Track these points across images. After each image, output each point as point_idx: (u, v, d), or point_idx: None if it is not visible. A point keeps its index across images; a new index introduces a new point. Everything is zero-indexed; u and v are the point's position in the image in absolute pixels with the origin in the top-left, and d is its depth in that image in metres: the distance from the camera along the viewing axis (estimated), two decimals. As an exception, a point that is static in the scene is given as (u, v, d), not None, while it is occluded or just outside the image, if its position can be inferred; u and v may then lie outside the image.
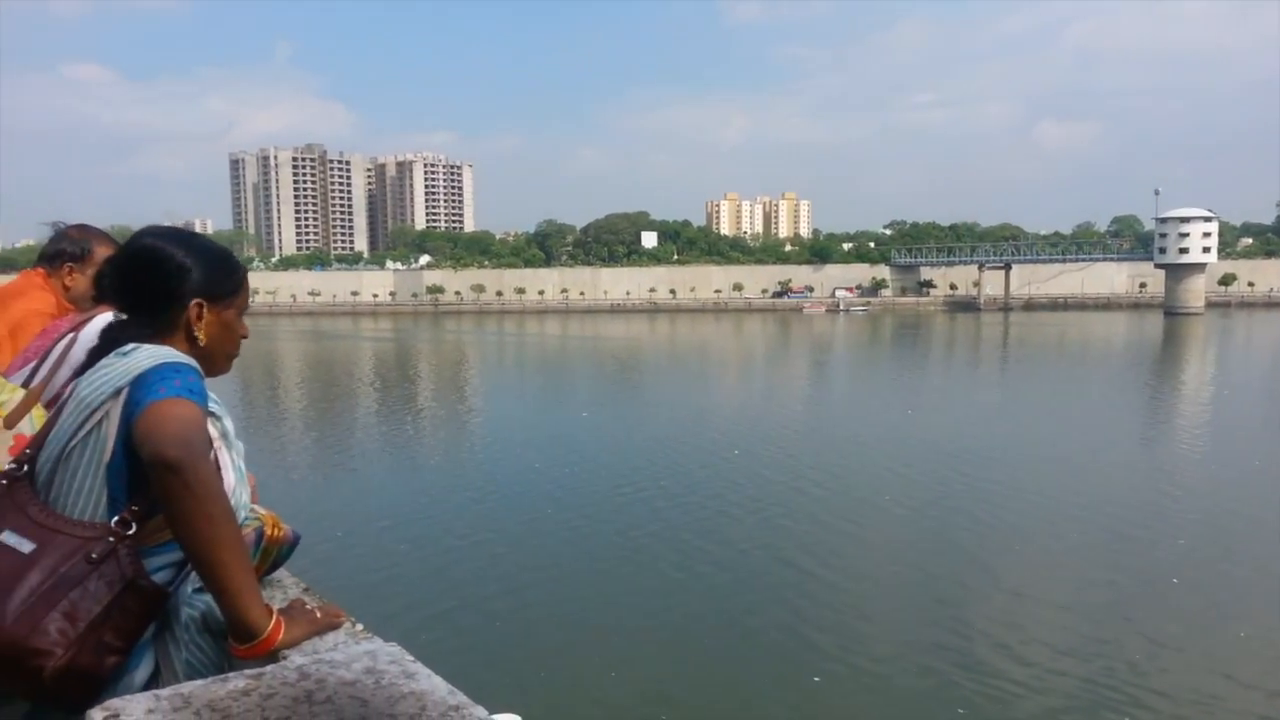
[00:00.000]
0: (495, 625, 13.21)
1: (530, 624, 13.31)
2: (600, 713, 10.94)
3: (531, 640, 12.69)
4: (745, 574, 15.33)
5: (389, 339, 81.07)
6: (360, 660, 1.51)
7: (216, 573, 1.56)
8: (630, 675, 11.73)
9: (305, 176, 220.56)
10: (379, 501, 20.53)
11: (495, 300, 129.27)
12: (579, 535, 17.54)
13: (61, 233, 3.32)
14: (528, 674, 11.55)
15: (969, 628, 13.02)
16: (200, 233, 2.10)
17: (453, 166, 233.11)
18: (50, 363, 2.21)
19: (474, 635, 12.81)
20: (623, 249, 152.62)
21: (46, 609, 1.50)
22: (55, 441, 1.70)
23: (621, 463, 24.12)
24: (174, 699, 1.36)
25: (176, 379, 1.67)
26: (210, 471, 1.58)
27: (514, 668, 11.67)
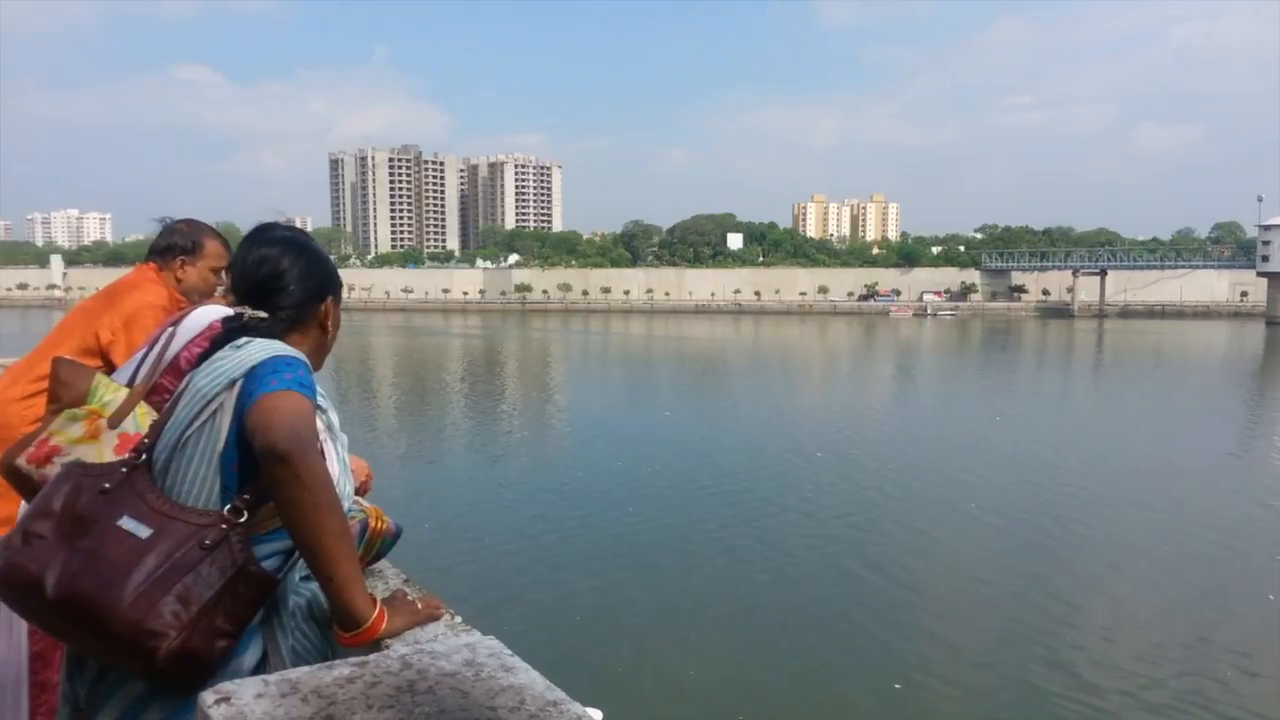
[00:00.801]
0: (575, 619, 13.31)
1: (611, 620, 13.38)
2: (679, 711, 10.93)
3: (611, 636, 12.76)
4: (827, 577, 15.14)
5: (477, 336, 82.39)
6: (460, 652, 1.53)
7: (324, 561, 1.60)
8: (709, 674, 11.70)
9: (401, 176, 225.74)
10: (463, 494, 20.87)
11: (581, 299, 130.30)
12: (660, 533, 17.54)
13: (171, 227, 3.42)
14: (608, 670, 11.61)
15: (1056, 642, 12.63)
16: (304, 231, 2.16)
17: (542, 167, 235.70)
18: (151, 359, 2.28)
19: (554, 629, 12.92)
20: (708, 250, 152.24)
21: (162, 592, 1.55)
22: (172, 431, 1.76)
23: (704, 462, 24.05)
24: (281, 684, 1.38)
25: (288, 372, 1.71)
26: (319, 462, 1.61)
27: (594, 663, 11.74)
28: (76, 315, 3.27)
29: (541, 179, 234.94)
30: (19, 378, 3.21)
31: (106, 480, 1.70)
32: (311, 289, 1.92)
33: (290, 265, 1.92)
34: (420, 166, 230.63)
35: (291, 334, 1.87)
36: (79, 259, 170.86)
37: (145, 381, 2.18)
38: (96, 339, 3.12)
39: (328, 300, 1.94)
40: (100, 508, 1.65)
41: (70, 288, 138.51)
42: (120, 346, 3.08)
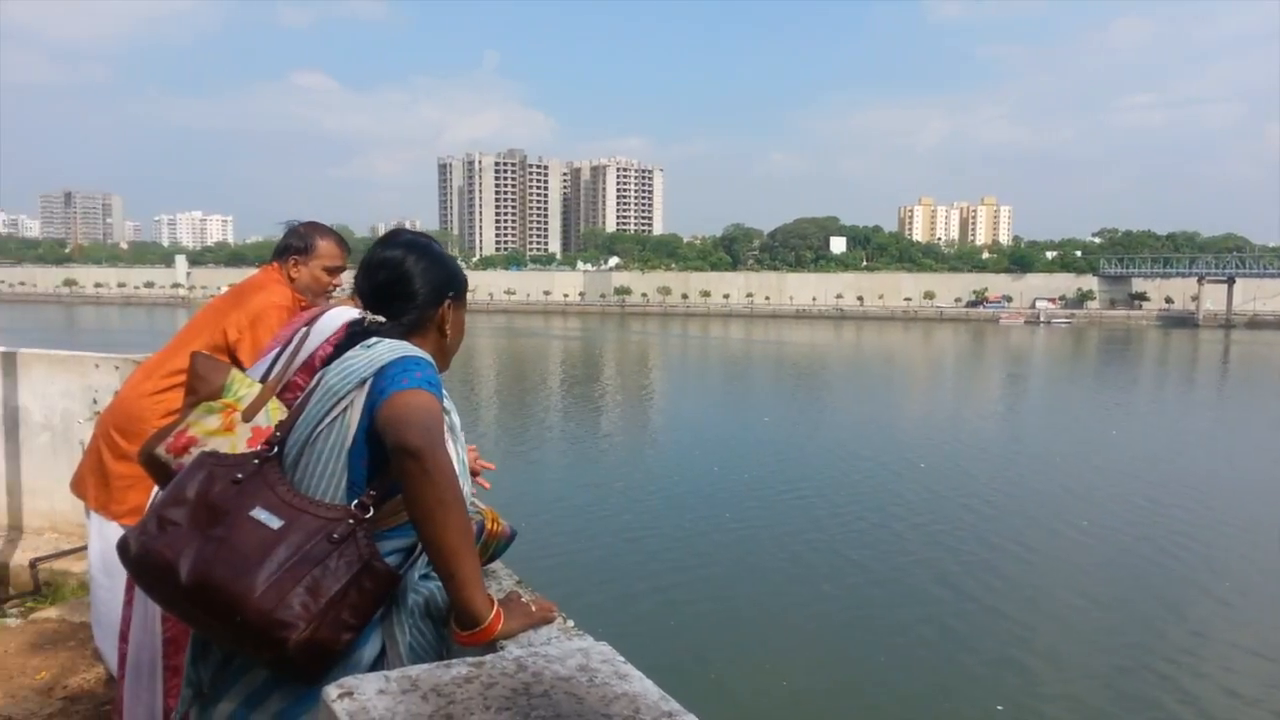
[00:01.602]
0: (670, 624, 13.29)
1: (707, 626, 13.31)
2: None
3: (707, 642, 12.69)
4: (929, 591, 14.77)
5: (577, 337, 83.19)
6: (574, 657, 1.53)
7: (447, 558, 1.62)
8: (806, 685, 11.54)
9: (506, 180, 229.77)
10: (558, 495, 21.07)
11: (680, 303, 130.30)
12: (759, 540, 17.40)
13: (292, 229, 3.53)
14: (701, 676, 11.56)
15: (1173, 669, 12.05)
16: (428, 235, 2.20)
17: (644, 171, 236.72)
18: (285, 356, 2.35)
19: (647, 633, 12.92)
20: (810, 254, 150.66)
21: (292, 583, 1.59)
22: (303, 426, 1.81)
23: (804, 469, 23.77)
24: (402, 681, 1.41)
25: (417, 371, 1.75)
26: (447, 460, 1.64)
27: (688, 669, 11.69)
28: (206, 314, 3.41)
29: (643, 182, 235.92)
30: (151, 373, 3.36)
31: (239, 471, 1.75)
32: (429, 293, 1.95)
33: (408, 270, 1.96)
34: (525, 170, 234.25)
35: (411, 336, 1.91)
36: (202, 259, 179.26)
37: (278, 378, 2.26)
38: (224, 336, 3.24)
39: (445, 304, 1.96)
40: (233, 497, 1.70)
41: (194, 287, 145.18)
42: (246, 344, 3.19)
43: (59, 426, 5.21)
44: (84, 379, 5.14)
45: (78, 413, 5.15)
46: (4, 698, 3.63)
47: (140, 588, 1.75)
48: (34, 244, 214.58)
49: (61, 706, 3.57)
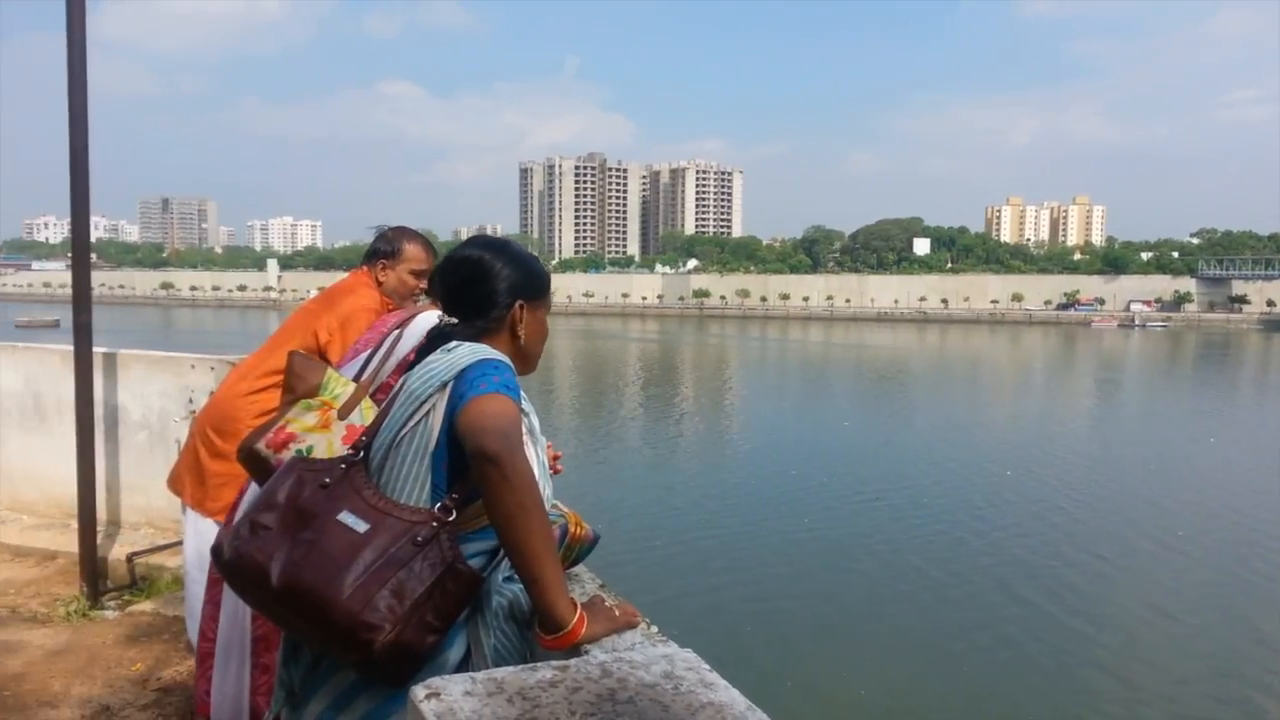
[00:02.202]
0: (745, 629, 13.20)
1: (781, 634, 13.18)
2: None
3: (781, 650, 12.56)
4: (1015, 603, 14.39)
5: (654, 340, 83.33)
6: (659, 663, 1.51)
7: (529, 562, 1.61)
8: (882, 695, 11.35)
9: (586, 184, 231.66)
10: (635, 498, 21.08)
11: (759, 306, 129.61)
12: (836, 546, 17.18)
13: (381, 233, 3.60)
14: (777, 682, 11.44)
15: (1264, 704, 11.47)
16: (506, 239, 2.21)
17: (723, 173, 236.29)
18: (378, 357, 2.38)
19: (724, 639, 12.84)
20: (892, 256, 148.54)
21: (378, 586, 1.60)
22: (387, 430, 1.83)
23: (884, 476, 23.38)
24: (488, 683, 1.40)
25: (495, 375, 1.75)
26: (526, 464, 1.63)
27: (763, 676, 11.58)
28: (299, 316, 3.48)
29: (722, 184, 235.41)
30: (246, 374, 3.45)
31: (327, 475, 1.77)
32: (499, 295, 1.95)
33: (478, 272, 1.96)
34: (604, 174, 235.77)
35: (484, 338, 1.91)
36: (292, 263, 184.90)
37: (371, 377, 2.30)
38: (316, 338, 3.31)
39: (516, 307, 1.95)
40: (321, 501, 1.72)
41: (284, 289, 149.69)
42: (336, 345, 3.25)
43: (156, 425, 5.39)
44: (180, 379, 5.31)
45: (174, 412, 5.31)
46: (102, 687, 3.76)
47: (234, 590, 1.78)
48: (133, 248, 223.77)
49: (155, 698, 3.68)
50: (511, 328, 1.95)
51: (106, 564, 4.95)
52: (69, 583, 4.86)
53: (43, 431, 5.75)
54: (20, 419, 5.83)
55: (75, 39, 4.64)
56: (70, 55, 4.63)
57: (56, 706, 3.58)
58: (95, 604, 4.66)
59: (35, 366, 5.78)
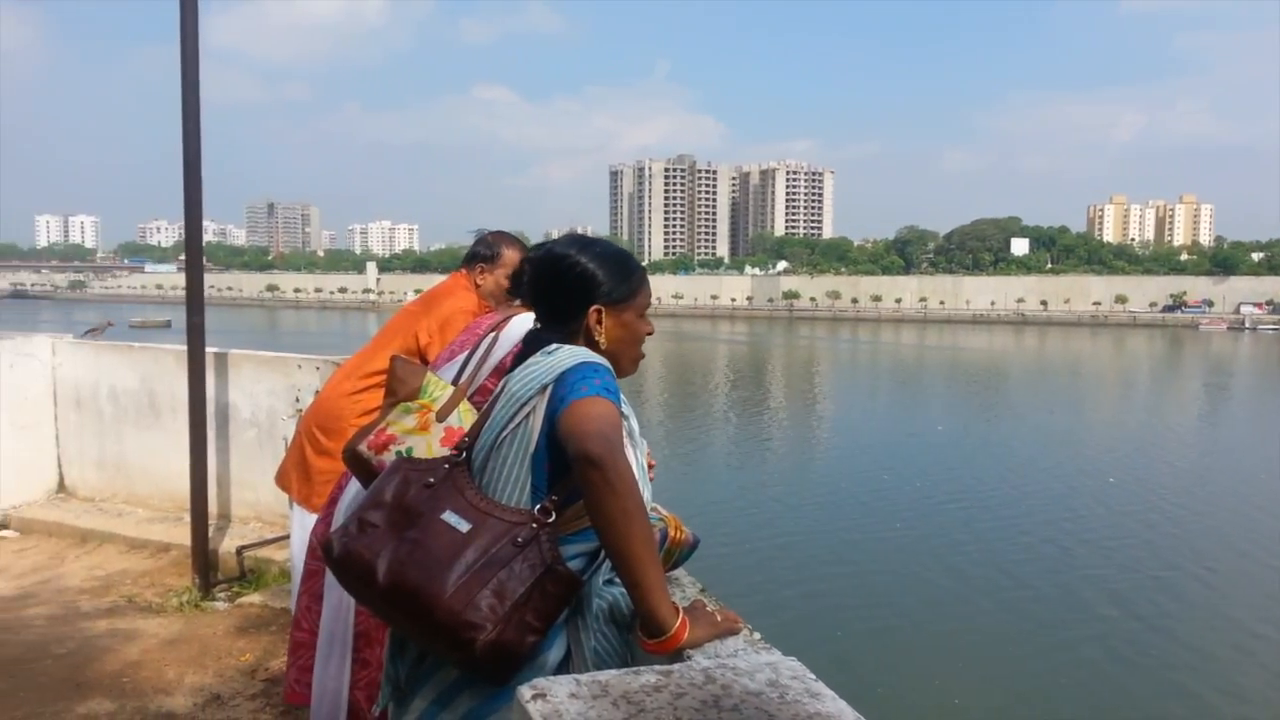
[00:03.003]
0: (836, 634, 13.00)
1: (876, 640, 12.96)
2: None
3: (876, 657, 12.34)
4: (1121, 619, 13.86)
5: (743, 342, 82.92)
6: (763, 671, 1.48)
7: (631, 566, 1.61)
8: (980, 706, 11.05)
9: (675, 186, 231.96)
10: (726, 501, 20.96)
11: (850, 307, 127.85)
12: (930, 552, 16.80)
13: (481, 237, 3.64)
14: (870, 692, 11.24)
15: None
16: (599, 238, 2.18)
17: (814, 173, 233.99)
18: (474, 361, 2.41)
19: (818, 645, 12.68)
20: (989, 256, 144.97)
21: (479, 585, 1.61)
22: (489, 431, 1.84)
23: (979, 481, 22.79)
24: (592, 686, 1.40)
25: (596, 378, 1.74)
26: (628, 468, 1.63)
27: (858, 684, 11.40)
28: (400, 318, 3.56)
29: (812, 185, 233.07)
30: (350, 375, 3.54)
31: (431, 475, 1.80)
32: (572, 299, 1.93)
33: (554, 275, 1.95)
34: (694, 175, 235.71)
35: (571, 342, 1.89)
36: (390, 266, 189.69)
37: (468, 380, 2.33)
38: (416, 341, 3.38)
39: (592, 311, 1.92)
40: (425, 501, 1.75)
41: (382, 292, 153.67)
42: (436, 348, 3.31)
43: (264, 423, 5.58)
44: (287, 379, 5.48)
45: (281, 410, 5.49)
46: (213, 676, 3.90)
47: (343, 586, 1.82)
48: (240, 252, 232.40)
49: (263, 688, 3.80)
50: (589, 333, 1.92)
51: (217, 556, 5.14)
52: (182, 574, 5.06)
53: (157, 428, 6.01)
54: (137, 416, 6.10)
55: (189, 50, 4.82)
56: (184, 65, 4.82)
57: (171, 694, 3.72)
58: (206, 595, 4.84)
59: (151, 366, 6.04)
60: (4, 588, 4.99)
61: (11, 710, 3.52)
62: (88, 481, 6.34)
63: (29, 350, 6.23)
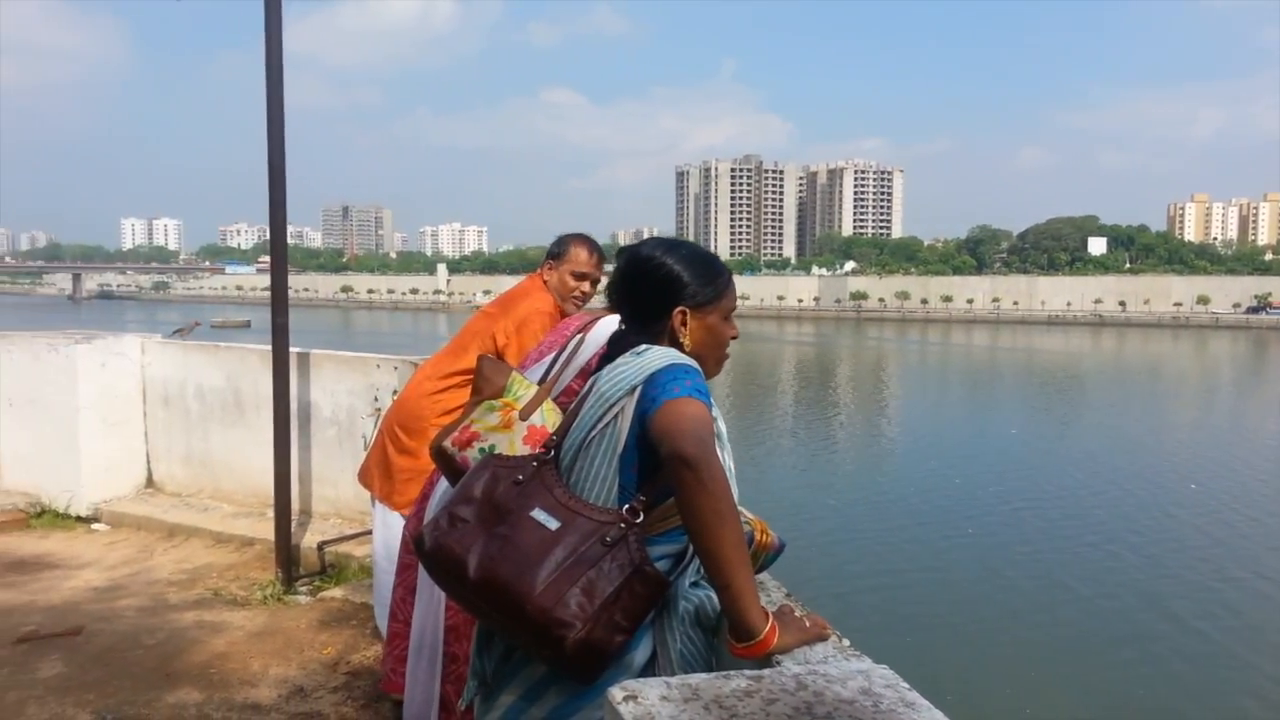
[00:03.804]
0: (906, 640, 12.79)
1: (958, 647, 12.73)
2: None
3: (960, 664, 12.12)
4: (1209, 635, 13.39)
5: (810, 343, 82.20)
6: (855, 679, 1.47)
7: (722, 569, 1.60)
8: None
9: (742, 186, 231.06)
10: (794, 504, 20.78)
11: (920, 308, 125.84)
12: (1004, 558, 16.45)
13: (558, 238, 3.68)
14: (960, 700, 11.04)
15: None
16: (685, 240, 2.18)
17: (883, 172, 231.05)
18: (560, 362, 2.43)
19: (895, 650, 12.50)
20: (1064, 256, 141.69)
21: (569, 583, 1.62)
22: (577, 431, 1.86)
23: (1054, 486, 22.23)
24: (683, 689, 1.40)
25: (687, 379, 1.75)
26: (721, 470, 1.63)
27: (945, 689, 11.21)
28: (478, 320, 3.61)
29: (881, 184, 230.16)
30: (430, 375, 3.60)
31: (520, 473, 1.81)
32: (657, 300, 1.93)
33: (633, 279, 1.97)
34: (760, 176, 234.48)
35: (656, 343, 1.90)
36: (460, 267, 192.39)
37: (553, 380, 2.35)
38: (493, 341, 3.42)
39: (676, 312, 1.92)
40: (514, 498, 1.76)
41: (452, 293, 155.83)
42: (513, 348, 3.35)
43: (344, 421, 5.70)
44: (366, 378, 5.59)
45: (360, 409, 5.60)
46: (297, 669, 3.99)
47: (434, 581, 1.85)
48: (315, 254, 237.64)
49: (345, 681, 3.87)
50: (672, 335, 1.92)
51: (299, 551, 5.26)
52: (265, 568, 5.18)
53: (242, 425, 6.17)
54: (222, 414, 6.27)
55: (273, 57, 4.94)
56: (269, 72, 4.94)
57: (256, 685, 3.82)
58: (289, 589, 4.95)
59: (237, 365, 6.21)
60: (96, 579, 5.17)
61: (106, 698, 3.64)
62: (175, 477, 6.54)
63: (120, 350, 6.45)
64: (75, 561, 5.47)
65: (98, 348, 6.33)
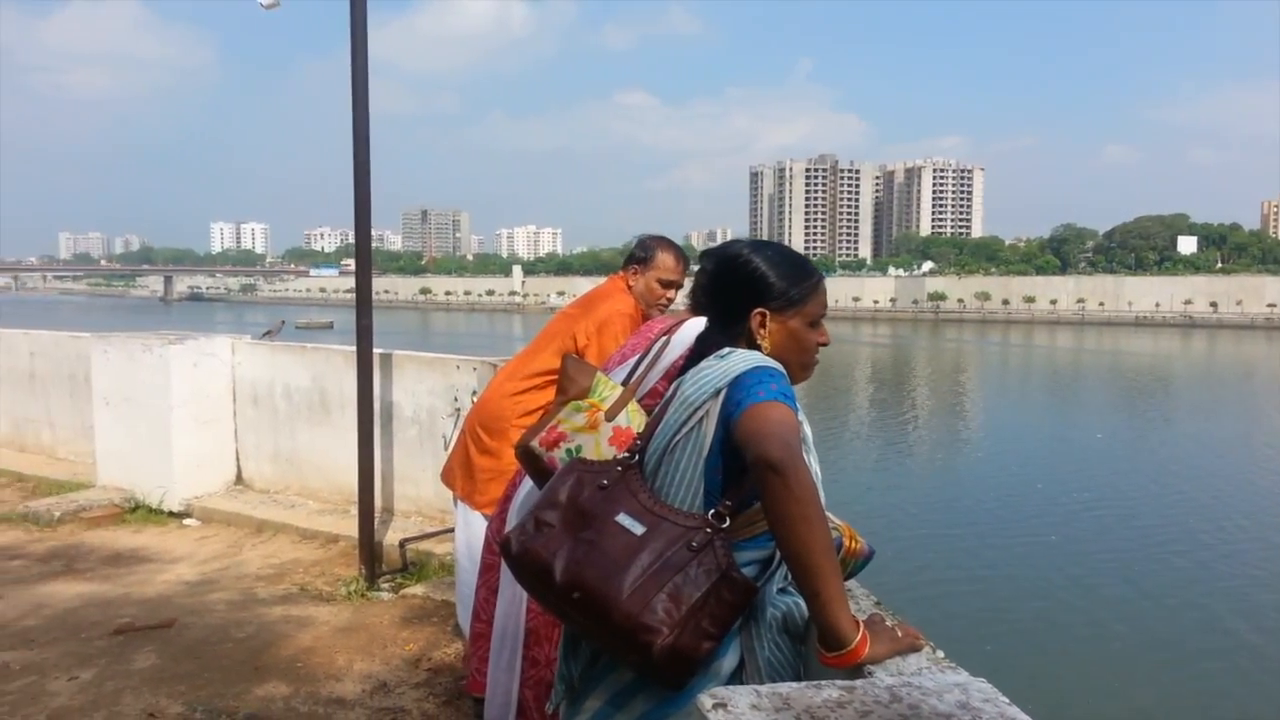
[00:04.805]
0: (985, 649, 12.49)
1: (1029, 655, 12.40)
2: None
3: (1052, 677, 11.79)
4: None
5: (886, 344, 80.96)
6: (952, 692, 1.42)
7: (812, 576, 1.57)
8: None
9: (816, 186, 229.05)
10: (863, 508, 20.45)
11: (1001, 309, 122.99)
12: (1092, 567, 15.95)
13: (641, 240, 3.68)
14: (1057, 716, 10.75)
15: None
16: (774, 241, 2.15)
17: (962, 171, 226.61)
18: (645, 363, 2.42)
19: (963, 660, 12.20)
20: (1153, 255, 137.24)
21: (655, 589, 1.60)
22: (662, 435, 1.84)
23: (1144, 494, 21.48)
24: (773, 698, 1.38)
25: (772, 382, 1.71)
26: (809, 475, 1.59)
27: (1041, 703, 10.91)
28: (559, 321, 3.62)
29: (961, 183, 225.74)
30: (511, 375, 3.62)
31: (604, 477, 1.80)
32: (739, 300, 1.91)
33: (719, 276, 1.94)
34: (835, 175, 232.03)
35: (737, 345, 1.87)
36: (535, 269, 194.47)
37: (638, 381, 2.34)
38: (574, 342, 3.43)
39: (755, 314, 1.89)
40: (599, 503, 1.75)
41: (527, 294, 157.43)
42: (594, 349, 3.35)
43: (425, 421, 5.79)
44: (446, 379, 5.67)
45: (440, 409, 5.68)
46: (380, 664, 4.06)
47: (521, 585, 1.85)
48: (395, 256, 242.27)
49: (426, 677, 3.93)
50: (749, 337, 1.89)
51: (382, 549, 5.35)
52: (349, 564, 5.29)
53: (327, 425, 6.31)
54: (308, 413, 6.42)
55: (359, 65, 5.04)
56: (354, 79, 5.04)
57: (341, 680, 3.89)
58: (372, 585, 5.04)
59: (322, 365, 6.36)
60: (188, 573, 5.33)
61: (197, 690, 3.74)
62: (263, 474, 6.72)
63: (211, 350, 6.65)
64: (168, 556, 5.65)
65: (190, 348, 6.53)
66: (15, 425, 8.41)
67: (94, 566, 5.42)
